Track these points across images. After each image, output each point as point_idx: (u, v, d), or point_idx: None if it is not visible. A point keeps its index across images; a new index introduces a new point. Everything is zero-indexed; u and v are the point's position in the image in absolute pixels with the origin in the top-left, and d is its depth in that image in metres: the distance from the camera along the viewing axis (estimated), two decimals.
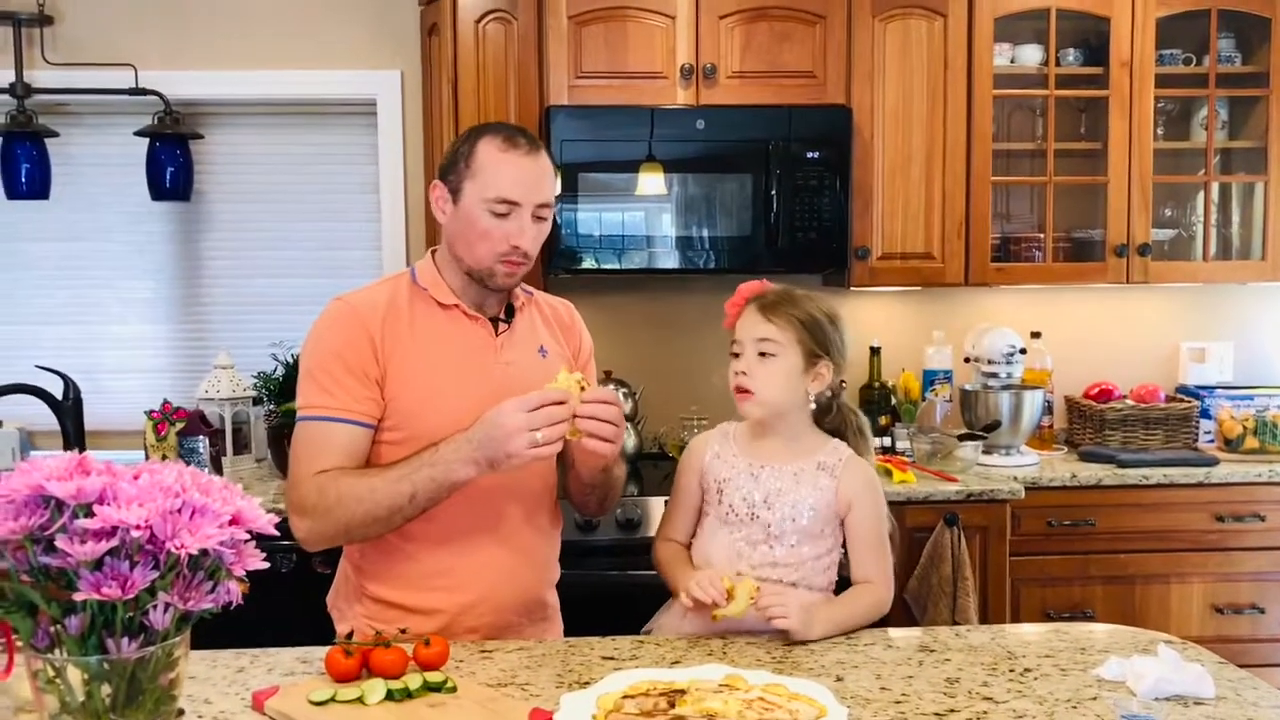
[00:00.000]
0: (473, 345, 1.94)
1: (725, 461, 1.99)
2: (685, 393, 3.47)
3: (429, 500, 1.80)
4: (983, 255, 3.35)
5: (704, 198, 3.21)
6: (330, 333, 1.90)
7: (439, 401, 1.88)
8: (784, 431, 1.96)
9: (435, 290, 1.94)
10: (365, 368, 1.86)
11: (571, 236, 3.15)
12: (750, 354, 1.90)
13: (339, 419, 1.85)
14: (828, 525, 1.93)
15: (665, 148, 3.16)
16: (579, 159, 3.14)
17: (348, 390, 1.86)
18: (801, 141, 3.18)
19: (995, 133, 3.38)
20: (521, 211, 1.88)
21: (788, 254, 3.21)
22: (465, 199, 1.90)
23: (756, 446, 1.98)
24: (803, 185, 3.18)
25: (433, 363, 1.90)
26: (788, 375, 1.90)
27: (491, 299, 1.98)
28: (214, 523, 1.16)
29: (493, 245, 1.88)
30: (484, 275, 1.91)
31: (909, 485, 3.01)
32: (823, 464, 1.94)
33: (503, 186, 1.86)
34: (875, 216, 3.33)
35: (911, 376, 3.58)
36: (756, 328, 1.90)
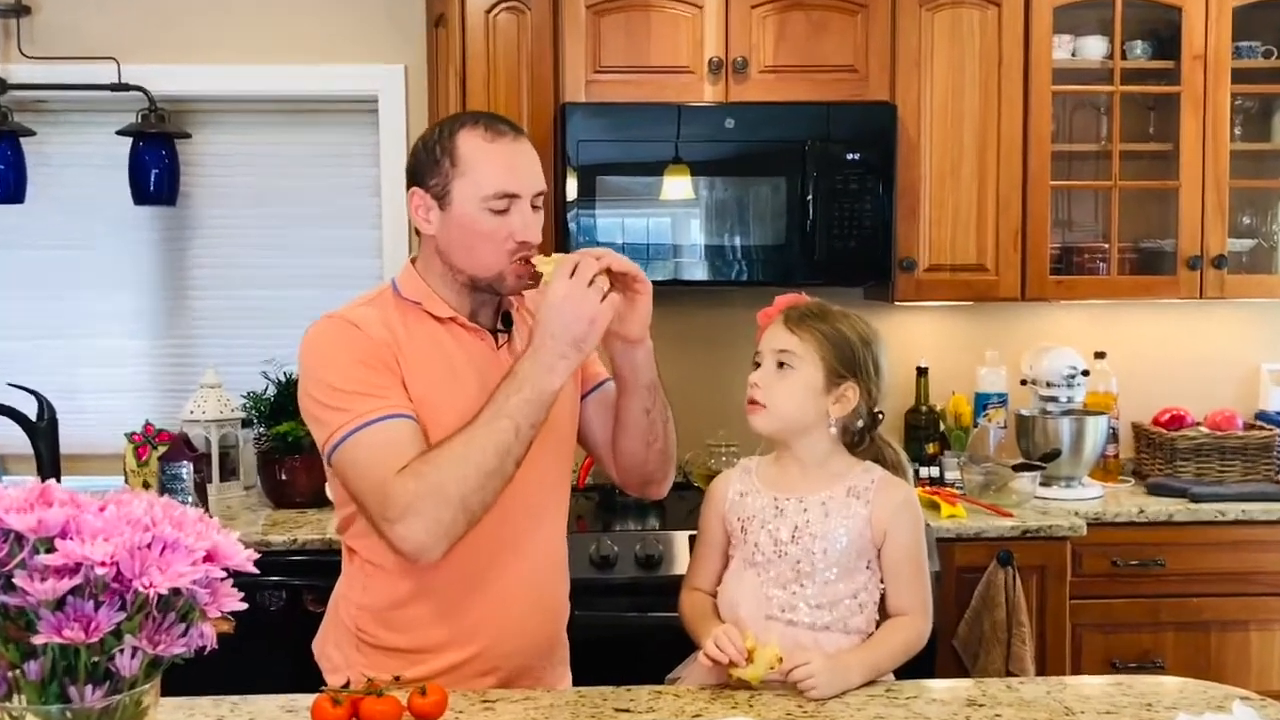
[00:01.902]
0: (476, 360, 1.93)
1: (748, 499, 1.99)
2: (713, 417, 3.44)
3: (532, 429, 1.80)
4: (1041, 267, 3.34)
5: (735, 203, 3.23)
6: (342, 346, 1.88)
7: (446, 422, 1.85)
8: (807, 456, 1.96)
9: (428, 303, 1.93)
10: (396, 373, 1.86)
11: (590, 244, 3.01)
12: (768, 365, 1.92)
13: (398, 415, 1.82)
14: (863, 557, 1.92)
15: (692, 148, 3.17)
16: (597, 160, 3.15)
17: (392, 389, 1.84)
18: (841, 141, 3.18)
19: (1055, 132, 3.37)
20: (522, 203, 1.89)
21: (826, 265, 3.21)
22: (457, 201, 1.89)
23: (780, 478, 1.99)
24: (842, 189, 3.19)
25: (436, 381, 1.89)
26: (804, 391, 1.91)
27: (485, 308, 1.98)
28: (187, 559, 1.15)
29: (499, 246, 1.88)
30: (493, 282, 1.91)
31: (959, 520, 3.01)
32: (853, 489, 1.93)
33: (500, 179, 1.87)
34: (922, 224, 3.32)
35: (962, 400, 3.57)
36: (777, 338, 1.93)
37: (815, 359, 1.90)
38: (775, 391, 1.91)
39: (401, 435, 1.81)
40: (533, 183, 1.90)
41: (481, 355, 1.94)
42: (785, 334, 1.92)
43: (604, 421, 2.08)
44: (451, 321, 1.93)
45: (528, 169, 1.90)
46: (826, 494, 1.93)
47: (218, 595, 1.19)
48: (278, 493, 3.25)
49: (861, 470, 1.96)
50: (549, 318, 1.79)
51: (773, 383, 1.91)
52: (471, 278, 1.91)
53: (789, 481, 1.97)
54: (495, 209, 1.86)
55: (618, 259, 1.86)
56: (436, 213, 1.90)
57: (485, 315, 1.98)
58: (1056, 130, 3.41)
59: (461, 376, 1.91)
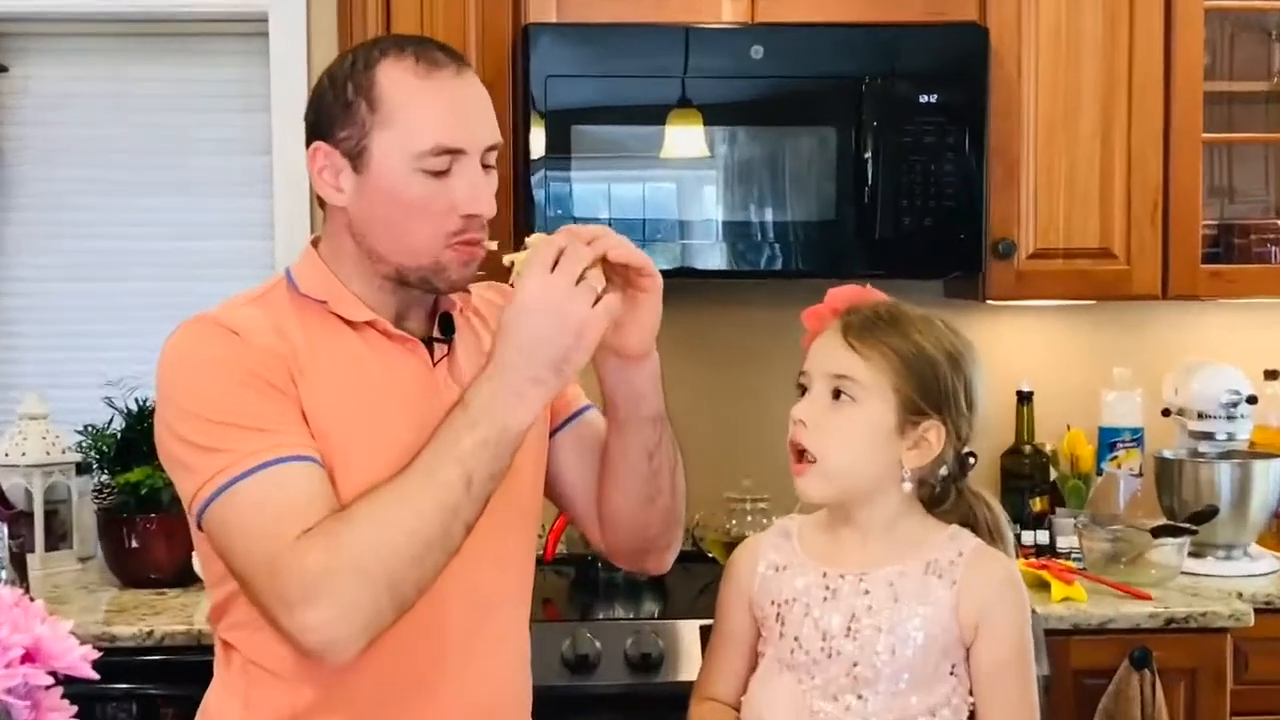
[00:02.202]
0: (403, 381, 1.92)
1: (787, 575, 1.98)
2: (734, 459, 3.44)
3: (490, 481, 1.78)
4: (1190, 253, 3.36)
5: (764, 163, 3.23)
6: (217, 361, 1.85)
7: (362, 467, 1.84)
8: (872, 520, 1.95)
9: (337, 302, 1.92)
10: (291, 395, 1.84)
11: (562, 221, 3.04)
12: (819, 393, 1.90)
13: (296, 457, 1.79)
14: (946, 659, 1.89)
15: (705, 87, 3.16)
16: (573, 104, 3.15)
17: (286, 421, 1.82)
18: (912, 79, 3.19)
19: (1209, 67, 3.40)
20: (468, 162, 1.87)
21: (891, 250, 3.22)
22: (379, 160, 1.87)
23: (832, 546, 1.98)
24: (914, 145, 3.18)
25: (347, 411, 1.88)
26: (870, 435, 1.89)
27: (417, 308, 1.98)
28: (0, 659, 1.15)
29: (437, 222, 1.87)
30: (429, 274, 1.90)
31: (1076, 605, 3.01)
32: (934, 565, 1.91)
33: (438, 129, 1.86)
34: (1024, 193, 3.33)
35: (1081, 438, 3.56)
36: (833, 356, 1.90)
37: (885, 388, 1.88)
38: (828, 434, 1.88)
39: (302, 486, 1.78)
40: (483, 134, 1.89)
41: (412, 374, 1.93)
42: (844, 351, 1.89)
43: (585, 467, 2.07)
44: (369, 327, 1.92)
45: (477, 115, 1.90)
46: (896, 570, 1.92)
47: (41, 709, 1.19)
48: (126, 567, 3.24)
49: (946, 538, 1.94)
50: (519, 326, 1.76)
51: (827, 420, 1.89)
52: (398, 267, 1.90)
53: (844, 552, 1.96)
54: (431, 170, 1.85)
55: (617, 243, 1.84)
56: (349, 176, 1.89)
57: (417, 319, 1.98)
58: (1212, 63, 3.44)
59: (383, 404, 1.90)
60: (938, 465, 1.94)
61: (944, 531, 1.95)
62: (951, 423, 1.91)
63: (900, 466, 1.90)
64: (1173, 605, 3.01)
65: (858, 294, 1.98)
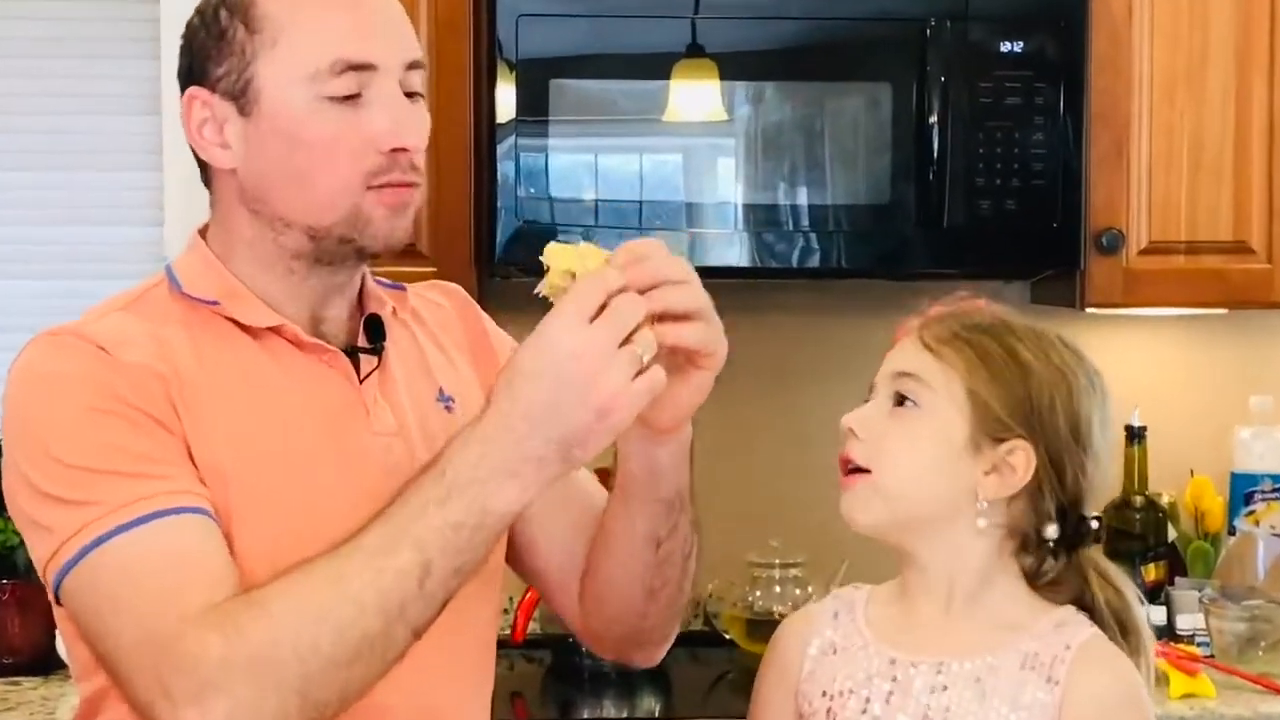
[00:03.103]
0: (322, 403, 1.87)
1: (845, 658, 1.92)
2: (758, 514, 3.39)
3: (455, 574, 1.71)
4: None
5: (799, 130, 3.16)
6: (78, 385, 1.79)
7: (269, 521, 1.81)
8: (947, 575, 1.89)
9: (233, 302, 1.87)
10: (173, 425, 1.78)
11: (536, 203, 3.07)
12: (881, 398, 1.89)
13: (185, 509, 1.75)
14: None
15: (722, 30, 3.10)
16: (552, 51, 3.09)
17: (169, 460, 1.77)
18: (990, 22, 3.12)
19: None
20: (384, 82, 1.82)
21: (962, 242, 3.14)
22: (269, 94, 1.83)
23: (906, 623, 1.92)
24: (993, 106, 3.11)
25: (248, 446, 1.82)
26: (936, 447, 1.86)
27: (334, 305, 1.92)
28: None
29: (351, 162, 1.82)
30: (348, 231, 1.85)
31: (1202, 703, 2.95)
32: (1033, 657, 1.84)
33: (338, 39, 1.82)
34: (1136, 170, 3.25)
35: (1208, 486, 3.46)
36: (903, 354, 1.89)
37: (959, 392, 1.85)
38: (885, 443, 1.85)
39: (191, 546, 1.73)
40: (399, 46, 1.85)
41: (332, 394, 1.88)
42: (915, 348, 1.88)
43: (564, 532, 2.04)
44: (275, 335, 1.86)
45: (386, 20, 1.87)
46: (986, 661, 1.86)
47: None
48: None
49: (1052, 625, 1.86)
50: (533, 387, 1.65)
51: (882, 428, 1.86)
52: (310, 232, 1.85)
53: (920, 631, 1.90)
54: (336, 94, 1.81)
55: (685, 299, 1.72)
56: (235, 125, 1.85)
57: (336, 323, 1.93)
58: None
59: (294, 434, 1.85)
60: (1043, 522, 1.88)
61: (1050, 615, 1.89)
62: (1049, 452, 1.86)
63: (975, 496, 1.87)
64: None
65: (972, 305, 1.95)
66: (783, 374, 3.42)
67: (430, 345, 2.00)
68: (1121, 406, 3.45)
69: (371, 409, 1.89)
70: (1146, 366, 3.63)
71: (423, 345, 2.00)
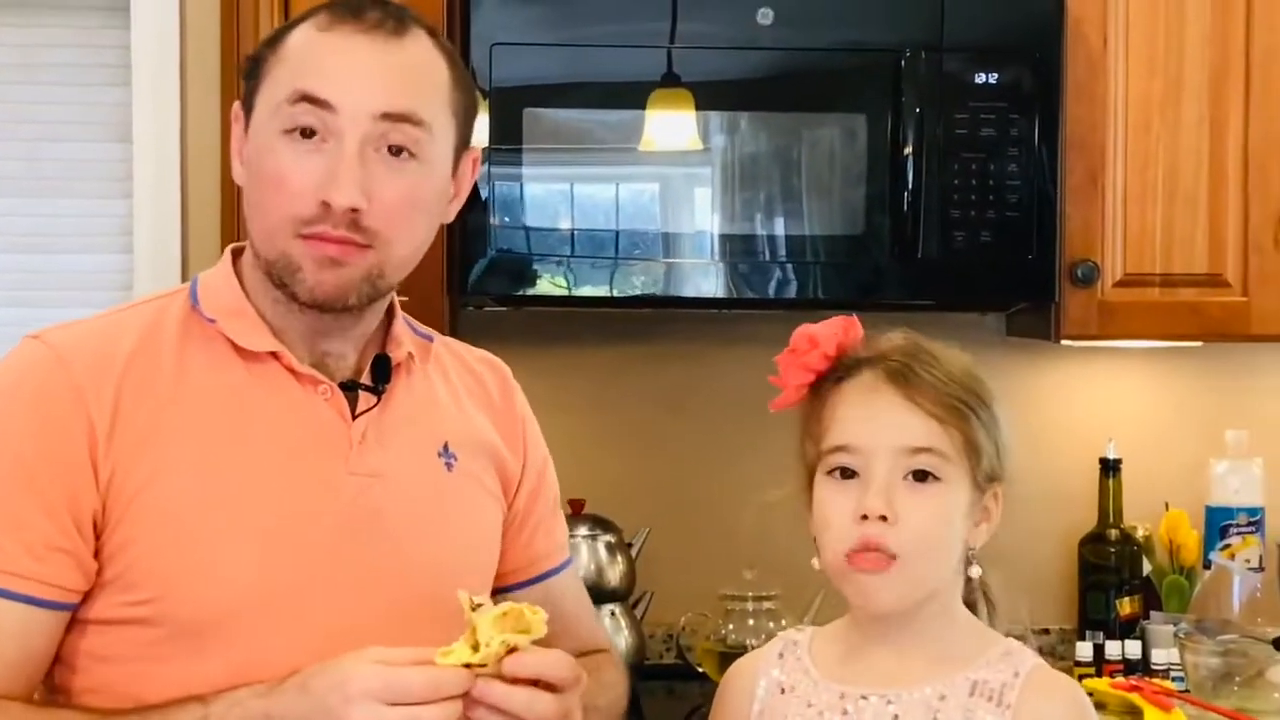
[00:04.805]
0: (302, 435, 1.91)
1: (794, 699, 1.94)
2: (732, 546, 3.29)
3: None
4: None
5: (774, 160, 3.17)
6: (6, 408, 1.87)
7: (223, 549, 1.83)
8: (914, 631, 1.91)
9: (233, 323, 1.90)
10: (66, 488, 1.80)
11: (510, 233, 3.08)
12: (890, 476, 1.86)
13: (3, 592, 1.79)
14: None
15: (697, 60, 3.11)
16: (526, 80, 3.11)
17: (22, 531, 1.79)
18: (964, 52, 3.14)
19: None
20: (340, 127, 1.84)
21: (938, 274, 3.15)
22: (254, 116, 1.91)
23: (855, 660, 1.94)
24: (968, 138, 3.12)
25: (215, 468, 1.86)
26: (955, 520, 1.89)
27: (343, 343, 1.96)
28: None
29: (287, 203, 1.85)
30: (282, 273, 1.89)
31: None
32: (981, 685, 1.88)
33: (303, 74, 1.86)
34: (1111, 201, 3.25)
35: (1183, 521, 3.48)
36: (906, 426, 1.87)
37: (964, 460, 1.88)
38: (913, 524, 1.85)
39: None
40: (365, 92, 1.87)
41: (320, 431, 1.93)
42: (922, 420, 1.87)
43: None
44: (272, 360, 1.92)
45: (367, 67, 1.88)
46: (937, 691, 1.89)
47: None
48: None
49: (999, 654, 1.91)
50: (305, 700, 1.77)
51: (908, 510, 1.85)
52: (269, 264, 1.91)
53: (869, 667, 1.92)
54: (291, 126, 1.86)
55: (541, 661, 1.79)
56: (243, 144, 1.94)
57: (342, 358, 1.98)
58: None
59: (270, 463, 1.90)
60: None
61: (996, 645, 1.93)
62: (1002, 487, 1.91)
63: (965, 549, 1.93)
64: None
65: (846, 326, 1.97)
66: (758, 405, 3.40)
67: (448, 400, 2.03)
68: (1096, 439, 3.57)
69: (355, 446, 1.92)
70: (1121, 399, 3.66)
71: (439, 398, 2.02)
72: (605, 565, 3.24)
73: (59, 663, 1.87)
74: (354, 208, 1.82)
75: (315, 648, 1.78)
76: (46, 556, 1.80)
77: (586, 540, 3.23)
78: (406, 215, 1.89)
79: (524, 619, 1.76)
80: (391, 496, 1.92)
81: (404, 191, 1.87)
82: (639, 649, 3.27)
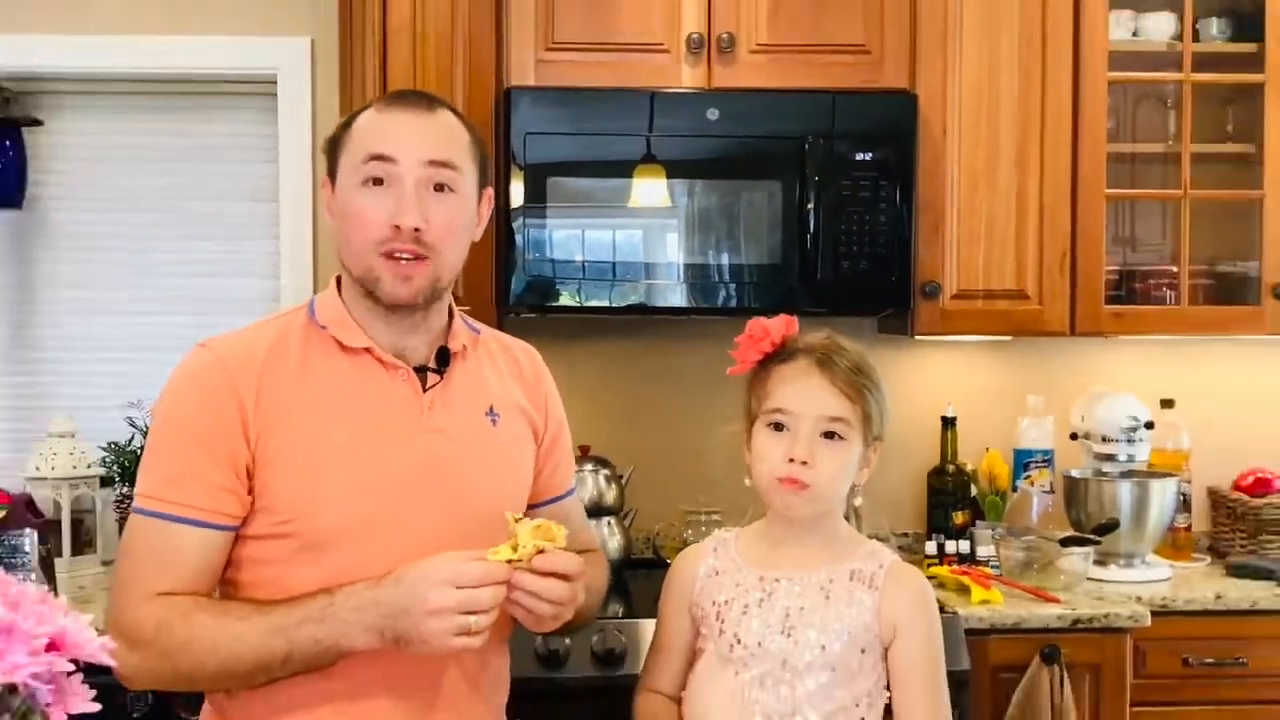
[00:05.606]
0: (388, 405, 1.94)
1: (726, 578, 2.00)
2: (689, 477, 3.46)
3: (309, 663, 1.81)
4: (1094, 295, 3.36)
5: (720, 212, 3.23)
6: (186, 394, 1.91)
7: (336, 488, 1.88)
8: (815, 535, 2.00)
9: (338, 329, 1.95)
10: (227, 448, 1.87)
11: (540, 263, 3.17)
12: (811, 434, 1.92)
13: (185, 519, 1.85)
14: (867, 657, 1.93)
15: (668, 145, 3.18)
16: (550, 158, 3.16)
17: (199, 478, 1.86)
18: (850, 138, 3.20)
19: (1112, 130, 3.42)
20: (401, 173, 1.89)
21: (831, 290, 3.23)
22: (339, 179, 1.96)
23: (769, 553, 2.01)
24: (851, 197, 3.21)
25: (328, 431, 1.90)
26: (852, 465, 1.96)
27: (416, 339, 1.99)
28: (25, 648, 1.14)
29: (368, 231, 1.89)
30: (370, 284, 1.92)
31: (994, 607, 3.02)
32: (859, 573, 1.96)
33: (371, 141, 1.91)
34: (949, 240, 3.35)
35: (998, 458, 3.59)
36: (825, 401, 1.93)
37: (862, 425, 1.94)
38: (825, 469, 1.92)
39: (178, 548, 1.84)
40: (419, 148, 1.90)
41: (400, 402, 1.95)
42: (836, 396, 1.93)
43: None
44: (364, 354, 1.94)
45: (416, 133, 1.92)
46: (826, 576, 1.96)
47: (64, 694, 1.19)
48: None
49: (867, 552, 1.99)
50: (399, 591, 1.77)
51: (823, 457, 1.92)
52: (355, 277, 1.95)
53: (780, 557, 1.99)
54: (367, 178, 1.90)
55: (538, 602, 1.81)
56: (333, 200, 1.98)
57: (417, 350, 1.99)
58: (1114, 127, 3.46)
59: (366, 422, 1.92)
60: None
61: (865, 544, 2.02)
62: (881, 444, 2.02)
63: (854, 485, 1.99)
64: (1079, 608, 3.02)
65: (787, 323, 2.01)
66: (709, 381, 3.48)
67: (493, 376, 2.08)
68: (939, 403, 3.66)
69: (426, 412, 1.96)
70: (957, 376, 3.79)
71: (486, 374, 2.07)
72: (604, 490, 3.30)
73: (230, 565, 1.94)
74: (417, 228, 1.88)
75: (401, 554, 1.82)
76: (216, 494, 1.86)
77: (591, 473, 3.28)
78: (452, 232, 1.94)
79: (551, 531, 1.84)
80: (452, 446, 1.96)
81: (448, 216, 1.93)
82: (626, 548, 3.37)
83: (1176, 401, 3.61)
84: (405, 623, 1.75)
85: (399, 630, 1.75)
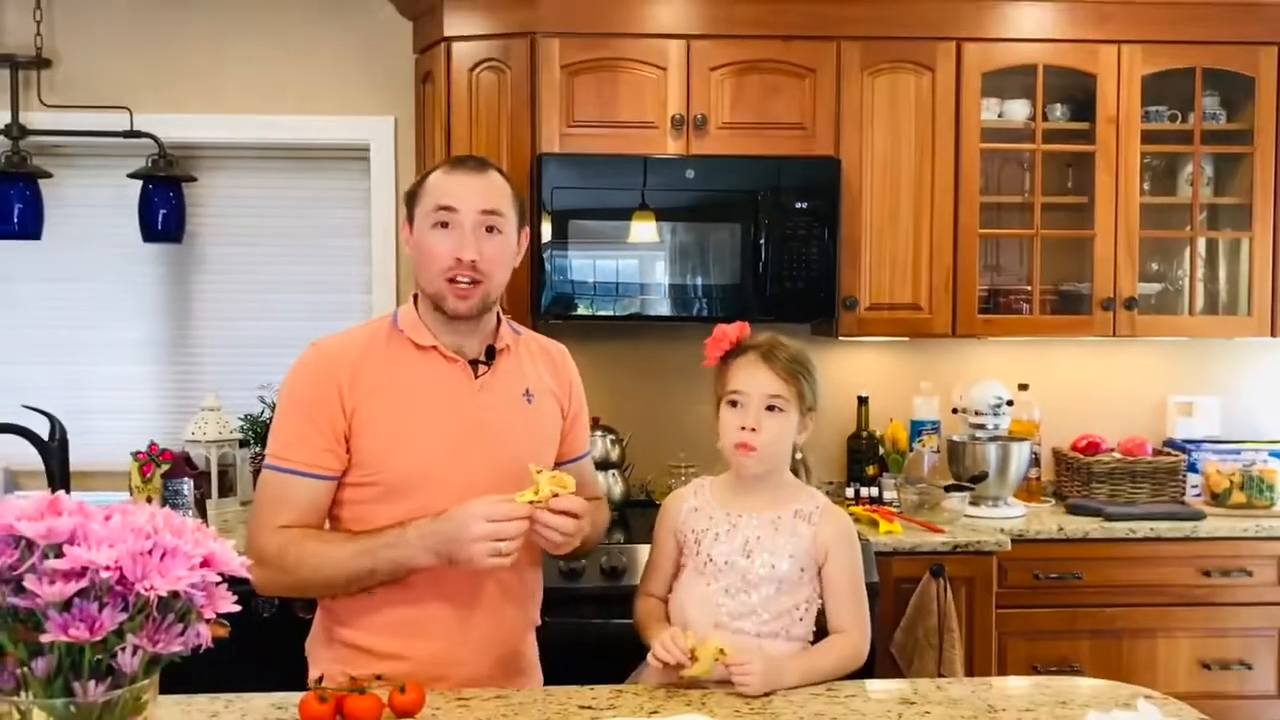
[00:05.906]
0: (447, 388, 1.92)
1: (702, 513, 1.99)
2: (674, 440, 3.45)
3: (389, 576, 1.83)
4: (970, 307, 3.35)
5: (696, 246, 3.22)
6: (299, 381, 1.91)
7: (409, 448, 1.87)
8: (767, 484, 1.97)
9: (413, 332, 1.93)
10: (329, 419, 1.87)
11: (564, 282, 3.17)
12: (758, 409, 1.90)
13: (299, 472, 1.86)
14: (806, 572, 1.92)
15: (657, 196, 3.18)
16: (571, 206, 3.16)
17: (309, 442, 1.87)
18: (790, 191, 3.19)
19: (983, 185, 3.39)
20: (461, 219, 1.88)
21: (777, 303, 3.21)
22: (416, 222, 1.94)
23: (733, 497, 1.99)
24: (791, 235, 3.19)
25: (404, 407, 1.89)
26: (790, 432, 1.92)
27: (471, 340, 1.96)
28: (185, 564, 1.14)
29: (437, 262, 1.88)
30: (439, 300, 1.91)
31: (895, 536, 3.01)
32: (800, 512, 1.94)
33: (439, 195, 1.90)
34: (864, 267, 3.33)
35: (899, 427, 3.58)
36: (767, 384, 1.90)
37: (797, 401, 1.92)
38: (769, 435, 1.90)
39: (293, 494, 1.86)
40: (474, 200, 1.89)
41: (458, 386, 1.93)
42: (775, 380, 1.90)
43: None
44: (433, 350, 1.93)
45: (472, 190, 1.90)
46: (775, 514, 1.94)
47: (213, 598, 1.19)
48: None
49: (807, 496, 1.98)
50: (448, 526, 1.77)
51: (766, 426, 1.90)
52: (430, 297, 1.93)
53: (745, 502, 1.97)
54: (435, 222, 1.89)
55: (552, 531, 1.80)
56: (410, 237, 1.96)
57: (472, 349, 1.97)
58: (985, 183, 3.42)
59: (430, 402, 1.90)
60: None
61: (805, 490, 1.99)
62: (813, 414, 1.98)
63: (795, 447, 1.97)
64: (958, 536, 3.02)
65: (742, 329, 1.98)
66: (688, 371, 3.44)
67: (529, 366, 2.04)
68: (857, 387, 3.60)
69: (478, 394, 1.95)
70: (870, 367, 3.74)
71: (524, 366, 2.03)
72: (610, 450, 3.32)
73: (334, 505, 1.94)
74: (473, 260, 1.88)
75: (455, 497, 1.81)
76: (322, 454, 1.88)
77: (601, 437, 3.31)
78: (499, 262, 1.93)
79: (563, 480, 1.84)
80: (497, 417, 1.95)
81: (496, 251, 1.92)
82: (626, 494, 3.37)
83: (1030, 385, 3.60)
84: (454, 547, 1.75)
85: (450, 553, 1.76)
